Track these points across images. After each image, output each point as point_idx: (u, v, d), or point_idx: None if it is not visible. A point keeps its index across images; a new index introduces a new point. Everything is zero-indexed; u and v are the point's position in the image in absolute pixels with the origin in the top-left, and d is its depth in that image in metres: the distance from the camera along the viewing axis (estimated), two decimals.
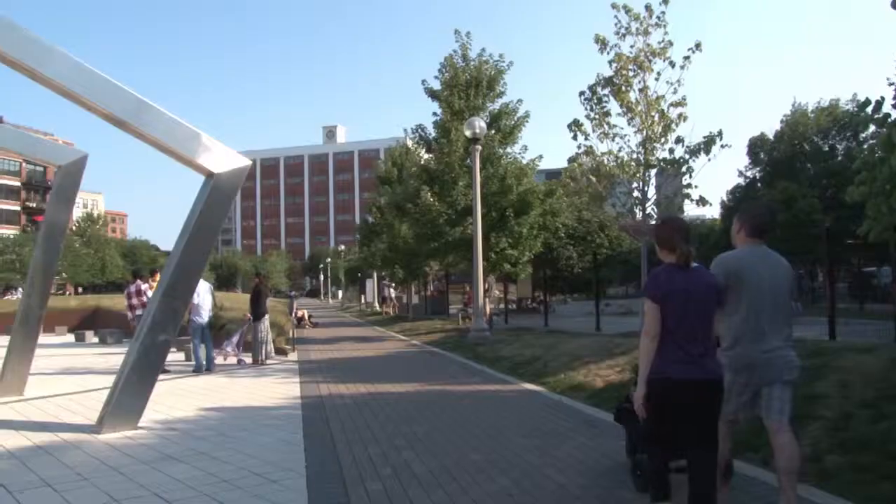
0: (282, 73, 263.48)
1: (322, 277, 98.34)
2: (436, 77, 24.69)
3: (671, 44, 15.48)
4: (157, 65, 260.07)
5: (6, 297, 59.83)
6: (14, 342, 11.84)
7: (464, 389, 11.62)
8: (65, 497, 5.74)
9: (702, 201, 15.84)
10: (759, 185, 50.17)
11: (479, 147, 19.35)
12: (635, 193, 16.81)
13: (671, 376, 4.32)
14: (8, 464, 6.94)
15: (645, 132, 15.64)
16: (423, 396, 11.01)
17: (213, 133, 8.73)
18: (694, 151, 15.25)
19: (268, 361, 16.30)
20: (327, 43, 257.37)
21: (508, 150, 24.33)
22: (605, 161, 16.23)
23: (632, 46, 15.78)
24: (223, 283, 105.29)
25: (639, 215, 16.93)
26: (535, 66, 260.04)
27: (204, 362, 14.77)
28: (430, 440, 7.64)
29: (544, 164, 24.98)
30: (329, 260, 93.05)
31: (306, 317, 31.89)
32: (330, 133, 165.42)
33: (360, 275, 61.23)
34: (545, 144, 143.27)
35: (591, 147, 16.54)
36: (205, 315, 14.96)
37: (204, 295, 15.03)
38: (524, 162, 23.88)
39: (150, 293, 16.14)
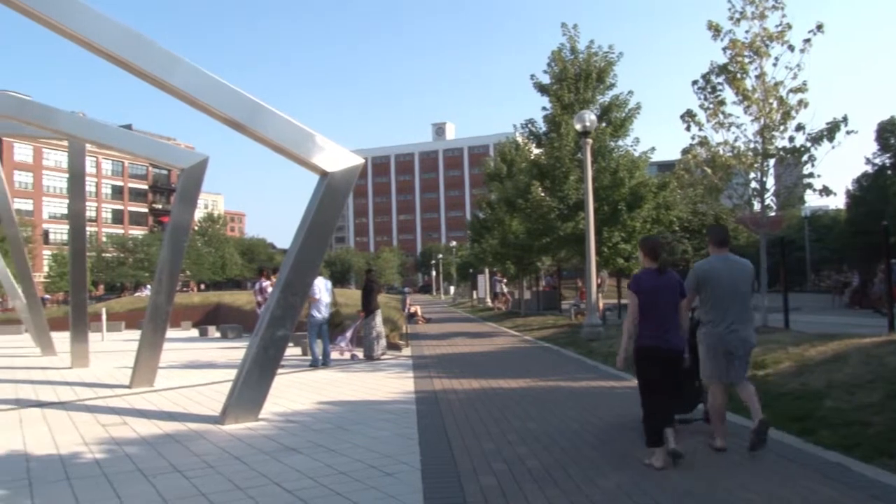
0: (391, 70, 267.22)
1: (434, 273, 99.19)
2: (544, 71, 24.52)
3: (789, 27, 14.93)
4: (268, 65, 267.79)
5: (136, 295, 62.83)
6: (144, 337, 12.49)
7: (577, 385, 11.54)
8: (193, 483, 6.04)
9: (825, 191, 15.24)
10: (888, 172, 47.62)
11: (589, 141, 19.14)
12: (753, 184, 16.31)
13: (646, 345, 6.37)
14: (142, 450, 7.35)
15: (763, 120, 15.16)
16: (535, 392, 10.99)
17: (324, 132, 8.96)
18: (816, 139, 14.68)
19: (381, 357, 16.56)
20: (436, 40, 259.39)
21: (620, 142, 23.93)
22: (721, 151, 15.82)
23: (747, 31, 15.31)
24: (337, 279, 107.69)
25: (757, 207, 16.41)
26: (645, 55, 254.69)
27: (320, 357, 15.15)
28: (544, 435, 7.63)
29: (656, 157, 24.47)
30: (440, 256, 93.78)
31: (419, 312, 32.23)
32: (439, 130, 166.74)
33: (471, 271, 61.39)
34: (657, 136, 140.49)
35: (705, 138, 16.14)
36: (324, 311, 15.36)
37: (323, 291, 15.43)
38: (636, 155, 23.46)
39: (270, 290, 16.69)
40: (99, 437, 8.06)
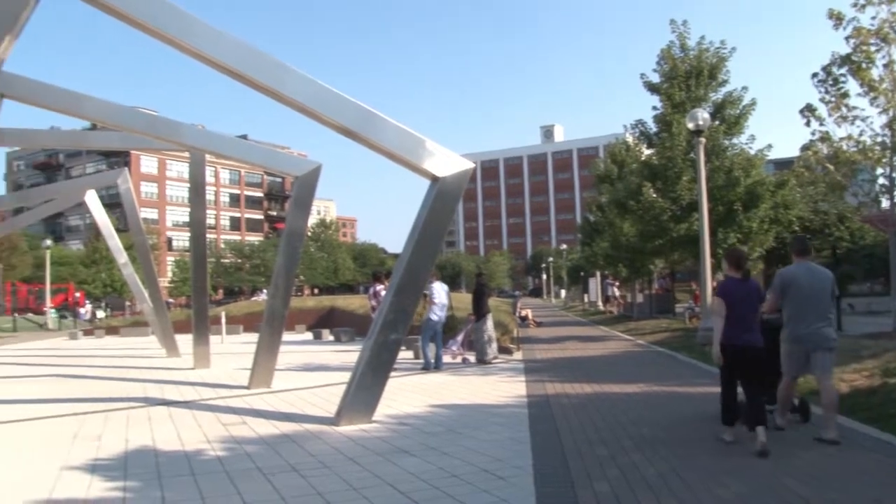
0: (498, 75, 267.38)
1: (544, 277, 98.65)
2: (654, 70, 24.08)
3: None
4: (377, 72, 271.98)
5: (253, 299, 64.89)
6: (262, 339, 12.89)
7: (692, 391, 11.26)
8: (309, 482, 6.18)
9: None
10: None
11: (702, 139, 18.66)
12: (881, 181, 15.55)
13: (730, 342, 7.30)
14: (261, 448, 7.58)
15: (891, 112, 14.44)
16: (650, 397, 10.79)
17: (433, 137, 9.04)
18: None
19: (493, 360, 16.56)
20: (544, 42, 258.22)
21: (734, 140, 23.28)
22: (844, 147, 15.15)
23: (873, 18, 14.62)
24: (447, 283, 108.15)
25: (885, 205, 15.64)
26: (759, 49, 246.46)
27: (433, 361, 15.27)
28: (659, 442, 7.47)
29: (773, 154, 23.67)
30: (551, 259, 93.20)
31: (530, 316, 32.12)
32: (548, 132, 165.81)
33: (582, 274, 60.85)
34: (773, 133, 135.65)
35: (826, 133, 15.50)
36: (441, 314, 15.46)
37: (440, 295, 15.54)
38: (752, 153, 22.75)
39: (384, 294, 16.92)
40: (220, 436, 8.35)
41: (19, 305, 60.22)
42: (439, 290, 15.54)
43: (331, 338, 26.07)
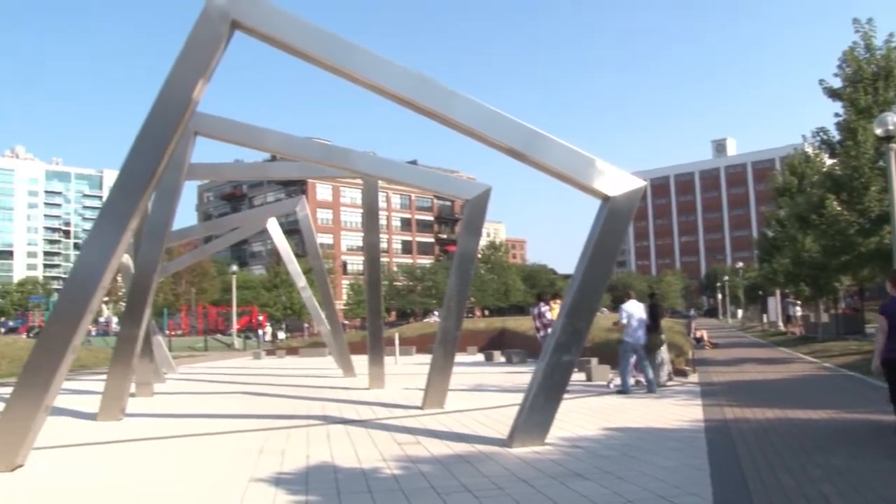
0: (665, 89, 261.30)
1: (719, 296, 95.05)
2: (835, 74, 22.71)
3: None
4: (542, 92, 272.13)
5: (426, 321, 66.15)
6: (435, 360, 13.07)
7: (887, 419, 10.45)
8: (483, 503, 6.18)
9: None
10: None
11: (893, 146, 17.40)
12: None
13: (890, 357, 8.26)
14: (435, 468, 7.66)
15: None
16: (838, 424, 10.11)
17: (600, 155, 8.91)
18: None
19: (667, 383, 16.04)
20: (709, 56, 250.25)
21: None
22: None
23: None
24: (619, 303, 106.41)
25: None
26: None
27: (631, 383, 14.76)
28: (851, 473, 6.96)
29: None
30: (726, 278, 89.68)
31: (705, 337, 30.98)
32: (719, 147, 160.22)
33: (760, 293, 58.18)
34: None
35: None
36: (637, 335, 14.96)
37: (637, 315, 15.17)
38: None
39: (549, 315, 16.77)
40: (395, 455, 8.52)
41: (209, 327, 64.23)
42: (631, 310, 15.05)
43: (502, 359, 26.11)
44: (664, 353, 16.37)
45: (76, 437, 10.62)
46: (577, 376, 17.20)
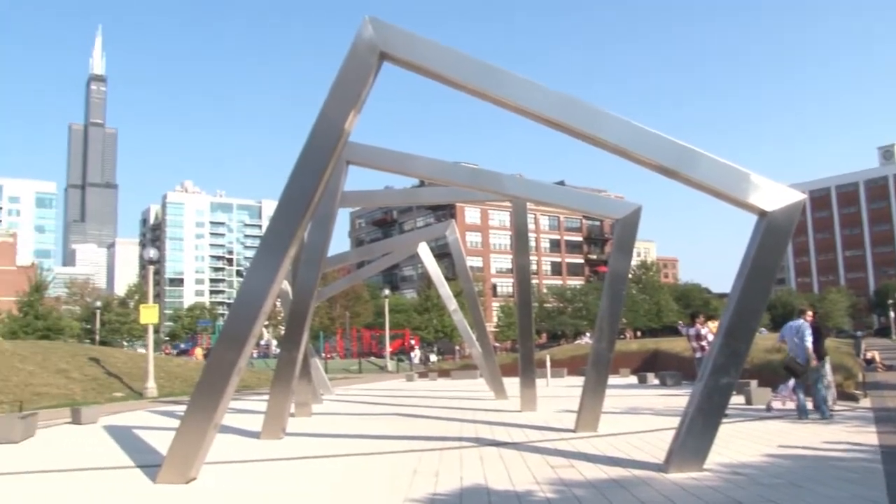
0: (827, 100, 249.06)
1: (892, 314, 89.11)
2: None
3: None
4: (694, 106, 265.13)
5: (577, 342, 65.44)
6: (588, 383, 12.91)
7: None
8: None
9: None
10: None
11: None
12: None
13: None
14: (589, 493, 7.56)
15: None
16: None
17: (754, 169, 8.60)
18: None
19: (833, 407, 15.12)
20: (875, 63, 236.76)
21: None
22: None
23: None
24: (778, 323, 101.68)
25: None
26: None
27: (808, 406, 14.05)
28: None
29: None
30: None
31: (877, 358, 29.06)
32: (887, 153, 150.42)
33: None
34: None
35: None
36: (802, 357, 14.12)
37: (797, 338, 14.33)
38: None
39: (710, 336, 16.20)
40: (549, 478, 8.45)
41: (363, 349, 65.96)
42: (801, 330, 14.13)
43: (656, 381, 25.47)
44: (829, 376, 15.43)
45: (241, 454, 11.15)
46: (736, 399, 16.56)
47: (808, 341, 13.87)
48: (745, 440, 11.16)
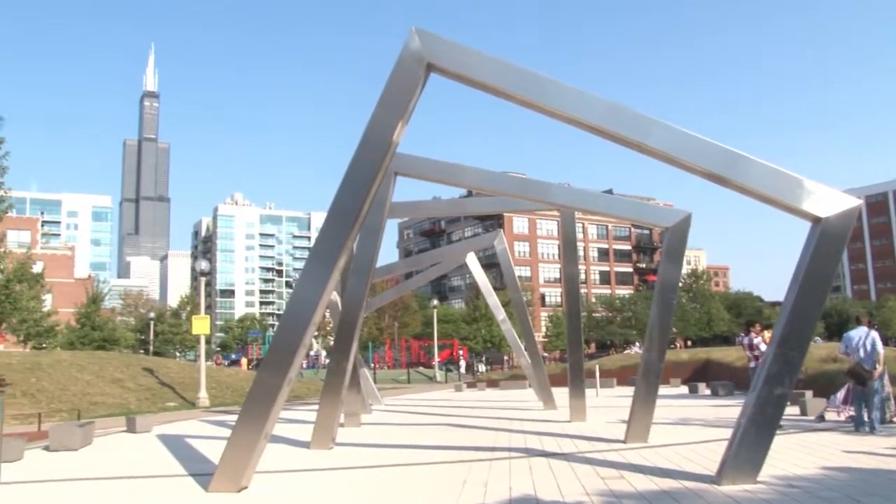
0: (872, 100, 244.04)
1: None
2: None
3: None
4: (744, 112, 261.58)
5: (626, 352, 64.82)
6: (638, 393, 12.78)
7: None
8: None
9: None
10: None
11: None
12: None
13: None
14: None
15: None
16: None
17: (808, 174, 8.45)
18: None
19: (893, 419, 14.71)
20: None
21: None
22: None
23: None
24: (833, 332, 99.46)
25: None
26: None
27: (866, 419, 13.58)
28: None
29: None
30: None
31: None
32: None
33: None
34: None
35: None
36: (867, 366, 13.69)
37: (868, 346, 13.59)
38: None
39: (762, 346, 15.93)
40: (598, 489, 8.36)
41: (412, 359, 66.14)
42: (854, 341, 13.62)
43: (707, 391, 25.13)
44: (889, 387, 15.01)
45: (292, 463, 11.25)
46: (791, 410, 16.25)
47: (880, 346, 13.52)
48: (800, 452, 10.93)
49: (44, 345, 33.51)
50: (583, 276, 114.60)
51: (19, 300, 22.16)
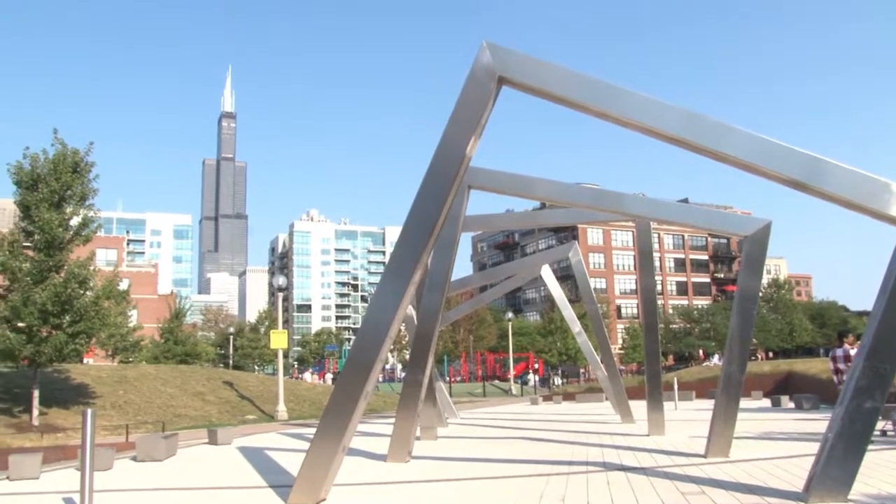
0: None
1: None
2: None
3: None
4: (823, 120, 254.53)
5: (705, 364, 63.53)
6: (718, 406, 12.49)
7: None
8: None
9: None
10: None
11: None
12: None
13: None
14: None
15: None
16: None
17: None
18: None
19: None
20: None
21: None
22: None
23: None
24: None
25: None
26: None
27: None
28: None
29: None
30: None
31: None
32: None
33: None
34: None
35: None
36: None
37: None
38: None
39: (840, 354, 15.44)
40: None
41: (487, 373, 66.05)
42: None
43: (790, 405, 24.44)
44: None
45: (369, 476, 11.33)
46: (883, 426, 15.68)
47: None
48: (894, 469, 10.52)
49: (130, 359, 34.55)
50: (659, 287, 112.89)
51: (107, 316, 22.92)
